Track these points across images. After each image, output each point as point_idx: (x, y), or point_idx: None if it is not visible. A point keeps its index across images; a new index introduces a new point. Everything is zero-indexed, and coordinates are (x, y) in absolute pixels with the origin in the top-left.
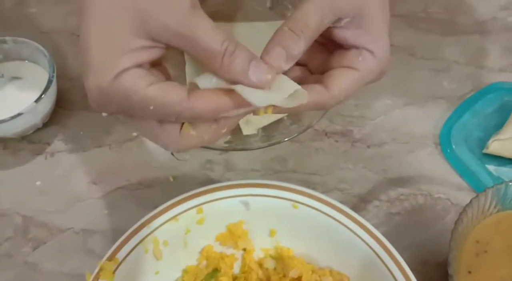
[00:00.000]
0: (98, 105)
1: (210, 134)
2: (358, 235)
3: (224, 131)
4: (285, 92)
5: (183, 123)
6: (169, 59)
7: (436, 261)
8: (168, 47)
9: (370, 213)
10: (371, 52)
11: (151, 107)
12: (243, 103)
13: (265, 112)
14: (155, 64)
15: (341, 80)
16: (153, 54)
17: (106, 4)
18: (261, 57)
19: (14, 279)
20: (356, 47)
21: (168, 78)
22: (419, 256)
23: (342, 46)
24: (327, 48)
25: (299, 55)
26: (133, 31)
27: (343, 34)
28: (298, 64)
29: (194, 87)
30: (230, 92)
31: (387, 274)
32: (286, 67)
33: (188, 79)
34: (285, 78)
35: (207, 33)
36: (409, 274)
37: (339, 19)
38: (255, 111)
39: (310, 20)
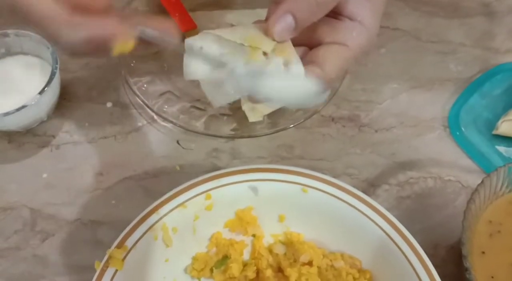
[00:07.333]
0: None
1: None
2: (370, 218)
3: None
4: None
5: None
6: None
7: (448, 244)
8: None
9: (380, 198)
10: (367, 28)
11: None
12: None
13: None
14: None
15: (336, 61)
16: None
17: None
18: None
19: (23, 272)
20: (350, 19)
21: None
22: (431, 240)
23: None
24: None
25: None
26: None
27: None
28: None
29: None
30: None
31: (401, 257)
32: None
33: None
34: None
35: None
36: (423, 257)
37: None
38: None
39: None
